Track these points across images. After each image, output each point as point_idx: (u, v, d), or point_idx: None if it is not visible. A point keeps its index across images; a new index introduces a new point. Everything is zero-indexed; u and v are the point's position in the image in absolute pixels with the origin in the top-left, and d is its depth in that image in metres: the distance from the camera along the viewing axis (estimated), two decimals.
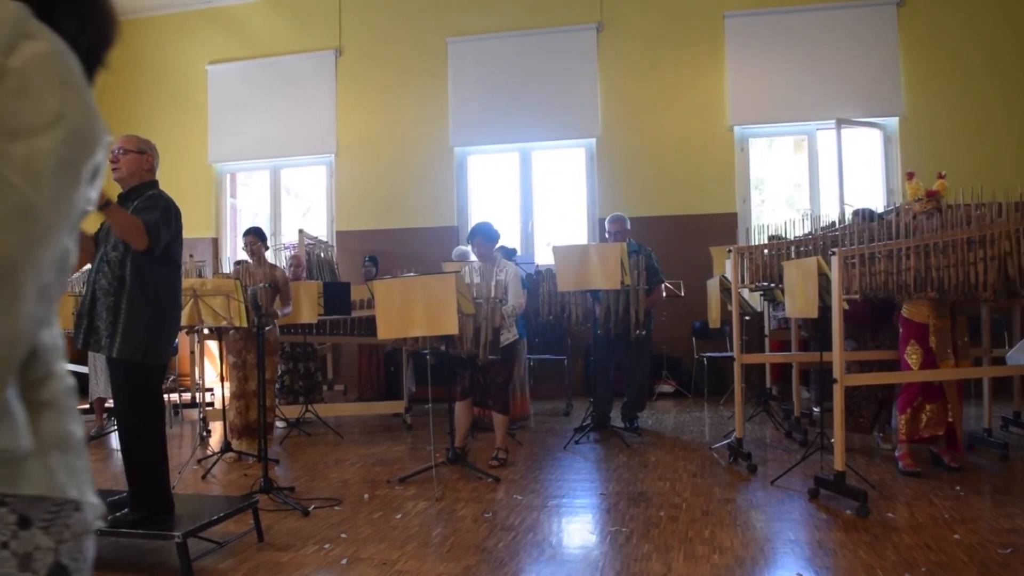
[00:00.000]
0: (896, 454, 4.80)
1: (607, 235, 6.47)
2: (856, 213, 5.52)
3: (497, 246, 6.86)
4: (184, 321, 5.08)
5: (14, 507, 0.83)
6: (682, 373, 8.46)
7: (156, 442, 3.52)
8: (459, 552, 3.45)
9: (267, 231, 9.47)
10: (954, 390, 4.68)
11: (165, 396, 4.13)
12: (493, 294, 5.16)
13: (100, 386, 6.36)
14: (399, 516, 4.06)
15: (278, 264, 7.03)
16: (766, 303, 6.56)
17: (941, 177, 4.60)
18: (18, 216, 0.76)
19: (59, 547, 0.87)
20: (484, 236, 5.32)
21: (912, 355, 4.65)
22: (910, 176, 4.73)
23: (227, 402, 5.70)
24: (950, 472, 4.62)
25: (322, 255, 8.59)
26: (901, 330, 4.80)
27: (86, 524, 0.91)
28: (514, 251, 6.78)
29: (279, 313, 5.67)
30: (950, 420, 4.67)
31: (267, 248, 6.02)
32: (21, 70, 0.79)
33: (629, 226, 6.47)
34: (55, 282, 0.83)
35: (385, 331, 4.73)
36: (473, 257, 5.51)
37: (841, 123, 8.15)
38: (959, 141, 8.04)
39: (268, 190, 10.16)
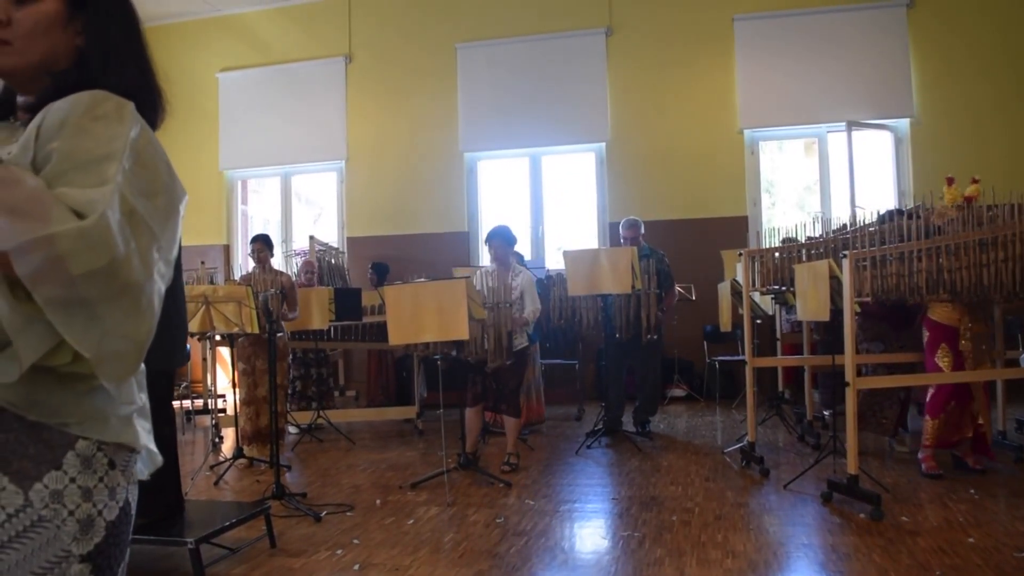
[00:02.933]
0: (919, 456, 4.74)
1: (622, 240, 6.49)
2: (892, 213, 5.43)
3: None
4: (196, 328, 5.11)
5: (106, 452, 1.16)
6: (694, 377, 8.44)
7: (161, 446, 3.54)
8: (471, 557, 3.45)
9: (278, 238, 9.56)
10: (982, 392, 4.63)
11: (178, 403, 4.15)
12: (506, 298, 5.14)
13: None
14: (411, 521, 4.06)
15: (287, 270, 7.05)
16: (777, 306, 6.54)
17: (975, 182, 4.52)
18: (151, 246, 1.11)
19: (128, 486, 1.20)
20: (502, 239, 5.31)
21: (943, 359, 4.55)
22: (950, 182, 4.59)
23: (238, 408, 5.73)
24: (965, 475, 4.59)
25: (333, 261, 8.62)
26: (927, 333, 4.68)
27: (137, 473, 1.25)
28: (522, 257, 6.79)
29: (288, 316, 5.70)
30: (980, 423, 4.62)
31: (273, 255, 6.04)
32: (144, 152, 1.15)
33: (643, 230, 6.49)
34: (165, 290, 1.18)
35: (396, 336, 4.73)
36: (486, 261, 5.51)
37: (852, 125, 8.12)
38: (971, 142, 7.99)
39: (279, 197, 10.21)
